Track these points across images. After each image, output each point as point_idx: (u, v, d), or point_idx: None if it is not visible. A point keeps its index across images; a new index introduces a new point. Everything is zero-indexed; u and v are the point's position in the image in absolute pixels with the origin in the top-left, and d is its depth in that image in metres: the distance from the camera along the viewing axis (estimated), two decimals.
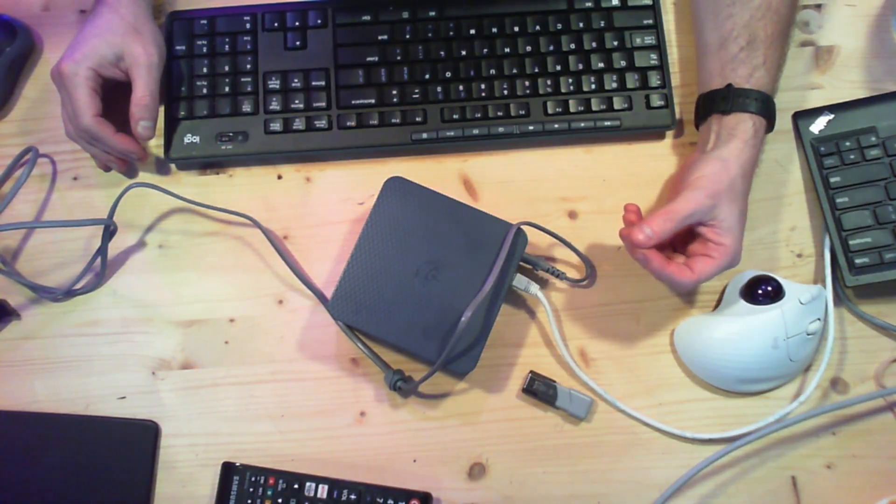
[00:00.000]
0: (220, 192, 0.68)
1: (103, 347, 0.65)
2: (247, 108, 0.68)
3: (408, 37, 0.69)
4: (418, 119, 0.68)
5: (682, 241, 0.62)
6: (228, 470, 0.62)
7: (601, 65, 0.68)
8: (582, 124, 0.67)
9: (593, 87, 0.68)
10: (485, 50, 0.69)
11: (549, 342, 0.65)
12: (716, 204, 0.58)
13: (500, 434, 0.63)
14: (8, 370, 0.65)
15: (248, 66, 0.69)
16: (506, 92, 0.68)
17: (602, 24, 0.69)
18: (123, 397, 0.65)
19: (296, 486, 0.61)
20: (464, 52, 0.69)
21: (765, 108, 0.61)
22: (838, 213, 0.64)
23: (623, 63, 0.68)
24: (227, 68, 0.69)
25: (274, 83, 0.68)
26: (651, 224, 0.57)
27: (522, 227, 0.63)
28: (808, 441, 0.63)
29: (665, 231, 0.57)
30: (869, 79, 0.69)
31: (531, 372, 0.63)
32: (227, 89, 0.68)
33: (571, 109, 0.68)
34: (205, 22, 0.70)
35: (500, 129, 0.67)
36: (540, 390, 0.62)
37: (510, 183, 0.68)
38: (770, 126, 0.63)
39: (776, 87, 0.64)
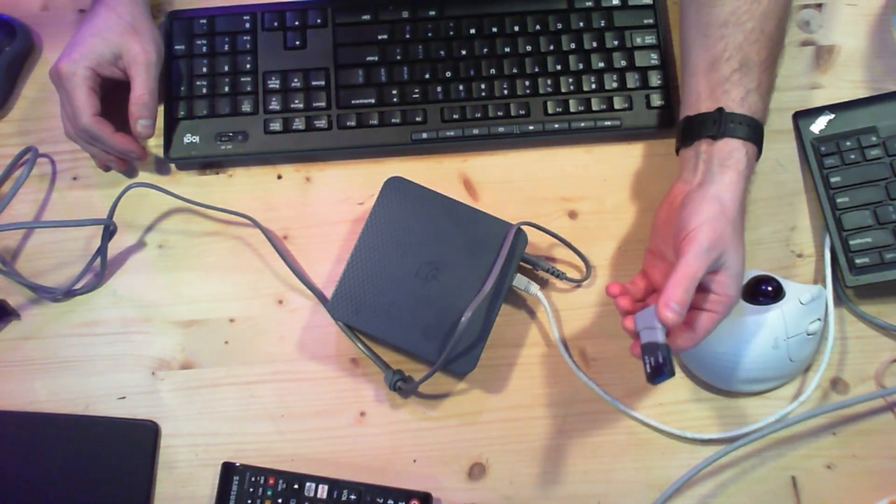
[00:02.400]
0: (220, 192, 0.68)
1: (103, 347, 0.65)
2: (246, 107, 0.68)
3: (408, 36, 0.69)
4: (418, 119, 0.68)
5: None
6: (228, 470, 0.62)
7: (601, 64, 0.68)
8: (582, 124, 0.67)
9: (593, 86, 0.68)
10: (485, 50, 0.68)
11: (549, 342, 0.65)
12: (721, 252, 0.54)
13: (500, 434, 0.63)
14: (8, 370, 0.65)
15: (248, 66, 0.69)
16: (506, 92, 0.68)
17: (602, 24, 0.69)
18: (123, 397, 0.65)
19: (296, 486, 0.61)
20: (464, 52, 0.68)
21: (756, 134, 0.58)
22: (839, 213, 0.64)
23: (623, 63, 0.68)
24: (226, 68, 0.69)
25: (274, 83, 0.68)
26: (674, 298, 0.52)
27: (522, 227, 0.62)
28: (808, 441, 0.63)
29: (689, 299, 0.52)
30: (870, 78, 0.69)
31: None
32: (226, 89, 0.68)
33: (572, 109, 0.67)
34: (204, 21, 0.70)
35: (500, 129, 0.67)
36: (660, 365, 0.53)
37: (510, 183, 0.68)
38: (759, 154, 0.60)
39: (766, 115, 0.60)
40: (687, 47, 0.63)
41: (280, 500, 0.61)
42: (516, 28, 0.69)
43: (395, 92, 0.68)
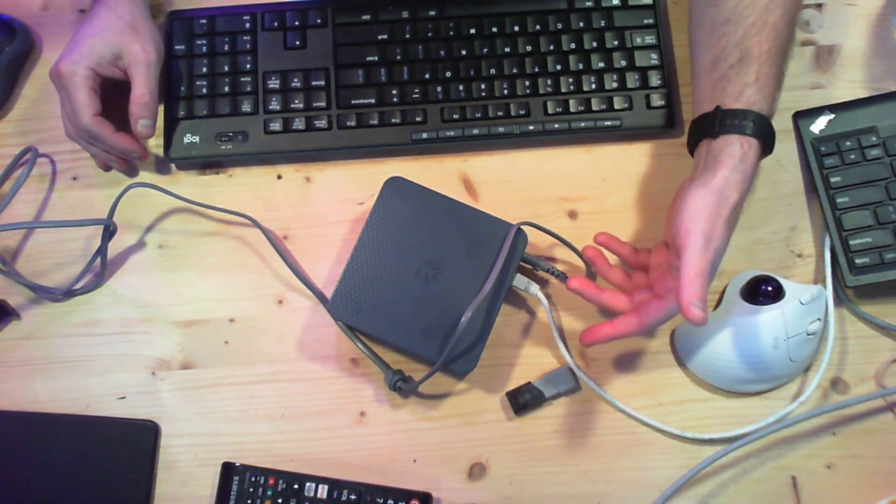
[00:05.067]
0: (220, 192, 0.68)
1: (103, 347, 0.65)
2: (246, 107, 0.68)
3: (408, 36, 0.69)
4: (418, 119, 0.68)
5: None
6: (228, 470, 0.62)
7: (601, 64, 0.68)
8: (582, 124, 0.67)
9: (593, 86, 0.68)
10: (485, 50, 0.68)
11: (549, 342, 0.65)
12: (710, 240, 0.55)
13: (500, 434, 0.63)
14: (8, 370, 0.65)
15: (248, 66, 0.69)
16: (506, 92, 0.68)
17: (602, 24, 0.69)
18: (123, 397, 0.65)
19: (296, 486, 0.61)
20: (464, 52, 0.68)
21: (758, 128, 0.57)
22: (839, 213, 0.64)
23: (623, 63, 0.68)
24: (226, 68, 0.69)
25: (274, 83, 0.68)
26: (694, 295, 0.53)
27: (522, 227, 0.62)
28: (808, 441, 0.63)
29: (705, 293, 0.54)
30: (869, 78, 0.69)
31: (506, 394, 0.63)
32: (226, 89, 0.68)
33: (572, 109, 0.67)
34: (204, 21, 0.70)
35: (500, 129, 0.67)
36: (526, 400, 0.62)
37: (510, 183, 0.68)
38: (767, 147, 0.58)
39: (773, 106, 0.59)
40: (693, 48, 0.63)
41: (280, 500, 0.61)
42: (516, 28, 0.69)
43: (395, 92, 0.68)
